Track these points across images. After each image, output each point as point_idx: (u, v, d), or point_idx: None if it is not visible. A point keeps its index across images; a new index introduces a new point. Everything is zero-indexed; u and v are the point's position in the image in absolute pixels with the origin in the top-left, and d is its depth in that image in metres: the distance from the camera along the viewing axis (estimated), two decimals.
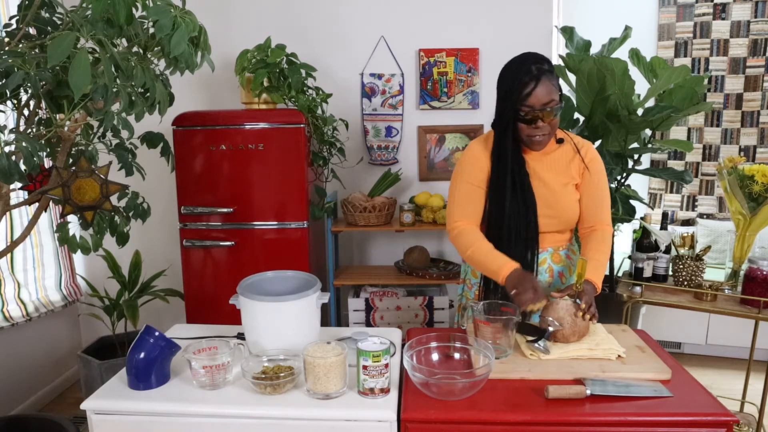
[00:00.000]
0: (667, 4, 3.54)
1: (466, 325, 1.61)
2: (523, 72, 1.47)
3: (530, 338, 1.41)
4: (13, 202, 1.74)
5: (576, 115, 2.76)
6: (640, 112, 2.61)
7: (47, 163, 1.89)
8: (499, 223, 1.58)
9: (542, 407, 1.19)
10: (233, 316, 1.57)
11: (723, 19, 3.47)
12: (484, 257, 1.53)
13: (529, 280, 1.45)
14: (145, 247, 3.06)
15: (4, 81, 1.42)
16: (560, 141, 1.62)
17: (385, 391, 1.25)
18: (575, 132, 2.77)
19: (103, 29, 1.43)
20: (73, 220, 2.25)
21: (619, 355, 1.40)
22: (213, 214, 2.57)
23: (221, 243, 2.58)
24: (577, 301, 1.45)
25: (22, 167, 1.51)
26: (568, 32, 2.78)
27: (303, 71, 2.61)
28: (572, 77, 2.69)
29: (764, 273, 2.10)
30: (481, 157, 1.61)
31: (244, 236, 2.58)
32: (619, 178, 2.72)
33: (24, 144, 1.44)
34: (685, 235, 2.39)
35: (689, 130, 3.64)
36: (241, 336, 1.58)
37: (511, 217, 1.56)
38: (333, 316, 2.95)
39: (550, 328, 1.39)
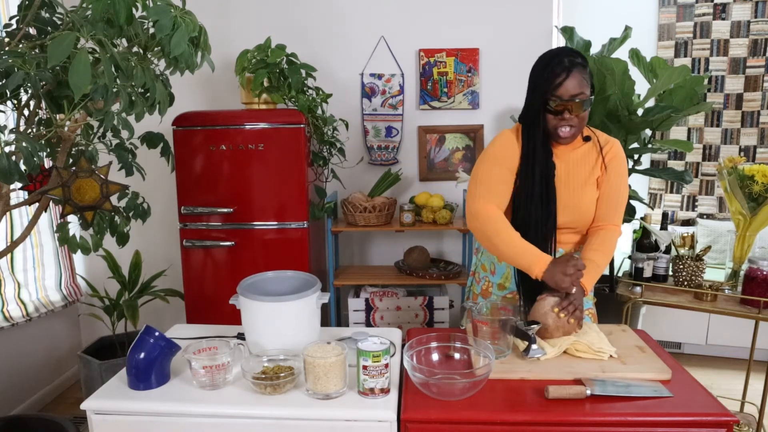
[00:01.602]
0: (667, 4, 3.54)
1: (466, 325, 1.61)
2: (555, 63, 1.46)
3: (522, 348, 1.42)
4: (13, 202, 1.74)
5: None
6: (640, 112, 2.61)
7: (47, 163, 1.89)
8: (523, 215, 1.55)
9: (542, 407, 1.19)
10: (233, 316, 1.57)
11: (723, 19, 3.47)
12: (515, 248, 1.48)
13: (566, 261, 1.43)
14: (145, 247, 3.06)
15: (4, 81, 1.42)
16: (587, 139, 1.60)
17: (385, 391, 1.25)
18: None
19: (103, 29, 1.43)
20: (73, 220, 2.25)
21: (611, 355, 1.40)
22: (213, 214, 2.57)
23: (221, 243, 2.58)
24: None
25: (22, 167, 1.51)
26: (568, 32, 2.79)
27: (303, 71, 2.61)
28: None
29: (764, 273, 2.10)
30: (513, 143, 1.58)
31: (244, 236, 2.58)
32: None
33: (24, 144, 1.44)
34: (685, 235, 2.40)
35: (689, 130, 3.64)
36: (241, 336, 1.58)
37: (535, 209, 1.54)
38: (333, 316, 2.95)
39: (531, 333, 1.39)
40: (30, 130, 1.65)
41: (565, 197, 1.57)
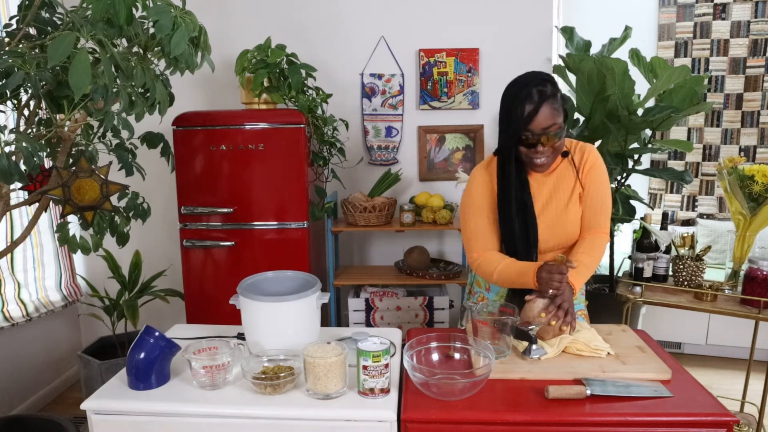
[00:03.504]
0: (667, 4, 3.54)
1: (465, 325, 1.61)
2: (524, 95, 1.44)
3: (522, 349, 1.42)
4: (13, 202, 1.74)
5: (576, 115, 2.77)
6: (640, 112, 2.61)
7: (47, 163, 1.89)
8: (506, 245, 1.59)
9: (542, 407, 1.19)
10: (233, 316, 1.57)
11: (723, 19, 3.47)
12: (509, 272, 1.53)
13: (549, 267, 1.45)
14: (145, 247, 3.06)
15: (4, 81, 1.42)
16: (565, 154, 1.60)
17: (385, 391, 1.25)
18: (576, 132, 2.77)
19: (103, 29, 1.43)
20: (73, 220, 2.24)
21: (609, 353, 1.41)
22: (213, 214, 2.57)
23: (221, 243, 2.58)
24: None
25: (22, 167, 1.51)
26: (568, 32, 2.79)
27: (303, 71, 2.61)
28: (572, 77, 2.69)
29: (764, 273, 2.10)
30: (486, 183, 1.61)
31: (244, 236, 2.58)
32: (619, 178, 2.72)
33: (24, 144, 1.44)
34: (685, 235, 2.39)
35: (689, 130, 3.64)
36: (241, 336, 1.58)
37: (516, 240, 1.56)
38: (333, 316, 2.95)
39: (532, 334, 1.39)
40: (30, 130, 1.65)
41: (550, 222, 1.59)
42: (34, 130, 1.68)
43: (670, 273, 2.46)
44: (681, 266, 2.34)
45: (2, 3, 2.56)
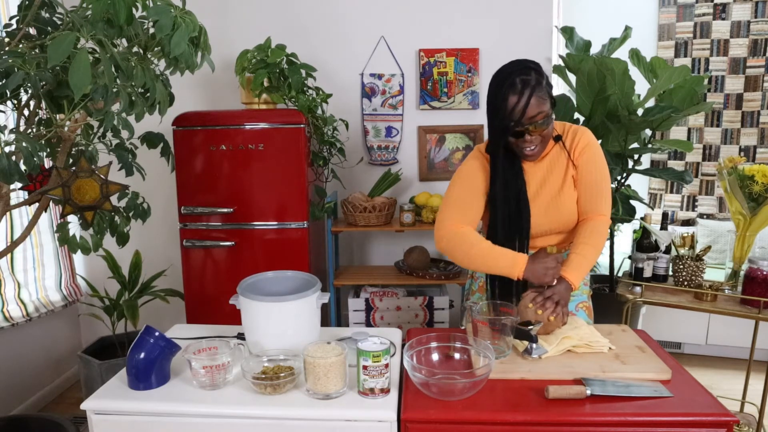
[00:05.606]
0: (667, 4, 3.54)
1: (466, 325, 1.61)
2: (507, 86, 1.42)
3: (522, 348, 1.42)
4: (13, 202, 1.74)
5: (576, 115, 2.77)
6: (640, 112, 2.61)
7: (47, 163, 1.89)
8: (498, 232, 1.57)
9: (542, 407, 1.19)
10: (233, 316, 1.57)
11: (723, 19, 3.47)
12: (491, 256, 1.49)
13: (544, 256, 1.44)
14: (145, 247, 3.06)
15: (4, 81, 1.42)
16: (558, 139, 1.58)
17: (385, 391, 1.25)
18: None
19: (103, 29, 1.43)
20: (73, 220, 2.25)
21: (610, 347, 1.42)
22: (213, 214, 2.57)
23: (221, 243, 2.58)
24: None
25: (22, 167, 1.51)
26: (568, 32, 2.79)
27: (303, 71, 2.61)
28: (572, 77, 2.69)
29: (764, 273, 2.10)
30: (481, 164, 1.59)
31: (244, 236, 2.58)
32: (619, 178, 2.72)
33: (24, 144, 1.44)
34: (685, 235, 2.40)
35: (689, 130, 3.64)
36: (241, 336, 1.58)
37: (509, 226, 1.55)
38: (333, 316, 2.95)
39: (533, 333, 1.39)
40: (30, 130, 1.65)
41: (544, 207, 1.57)
42: (34, 130, 1.68)
43: (670, 273, 2.46)
44: (681, 266, 2.34)
45: (2, 3, 2.56)
